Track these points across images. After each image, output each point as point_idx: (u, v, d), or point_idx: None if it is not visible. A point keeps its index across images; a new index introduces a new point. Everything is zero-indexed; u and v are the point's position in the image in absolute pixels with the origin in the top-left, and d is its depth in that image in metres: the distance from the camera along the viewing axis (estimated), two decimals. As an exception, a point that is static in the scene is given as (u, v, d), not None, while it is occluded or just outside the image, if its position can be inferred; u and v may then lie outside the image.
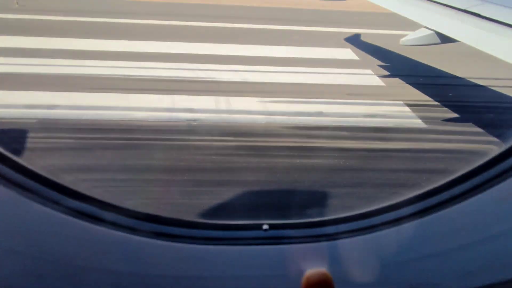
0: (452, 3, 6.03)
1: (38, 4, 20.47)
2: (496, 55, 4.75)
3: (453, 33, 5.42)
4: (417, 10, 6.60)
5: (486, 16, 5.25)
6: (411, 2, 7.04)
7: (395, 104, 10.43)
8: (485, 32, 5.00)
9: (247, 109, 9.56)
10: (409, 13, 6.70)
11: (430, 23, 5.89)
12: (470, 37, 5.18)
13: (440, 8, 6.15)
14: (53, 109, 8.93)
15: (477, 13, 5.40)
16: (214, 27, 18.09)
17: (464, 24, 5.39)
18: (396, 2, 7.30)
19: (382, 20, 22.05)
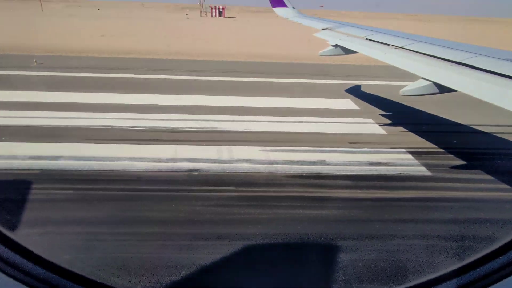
0: (447, 56, 6.35)
1: (54, 62, 22.01)
2: (494, 102, 4.86)
3: (451, 83, 5.63)
4: (414, 63, 6.91)
5: (480, 67, 5.50)
6: (407, 55, 7.38)
7: (398, 152, 10.37)
8: (482, 82, 5.19)
9: (249, 158, 9.56)
10: (406, 65, 7.01)
11: (428, 75, 6.15)
12: (468, 86, 5.36)
13: (435, 61, 6.45)
14: (56, 160, 9.05)
15: (471, 65, 5.68)
16: (218, 81, 19.04)
17: (460, 75, 5.63)
18: (392, 56, 7.66)
19: (380, 72, 23.01)
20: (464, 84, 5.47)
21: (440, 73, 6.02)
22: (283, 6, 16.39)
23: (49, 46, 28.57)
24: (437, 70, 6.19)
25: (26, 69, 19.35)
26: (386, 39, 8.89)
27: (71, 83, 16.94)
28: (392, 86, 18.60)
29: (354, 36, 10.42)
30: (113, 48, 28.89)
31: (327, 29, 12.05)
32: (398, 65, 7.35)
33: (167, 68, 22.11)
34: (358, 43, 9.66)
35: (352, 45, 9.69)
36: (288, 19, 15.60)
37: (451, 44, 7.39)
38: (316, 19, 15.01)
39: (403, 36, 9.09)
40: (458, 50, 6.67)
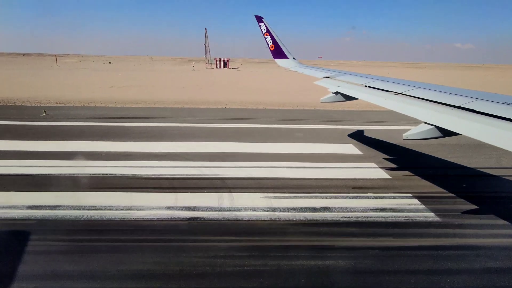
0: (446, 101, 6.43)
1: (62, 113, 22.78)
2: (497, 145, 4.79)
3: (454, 127, 5.62)
4: (415, 108, 6.98)
5: (481, 111, 5.53)
6: (407, 101, 7.49)
7: (404, 197, 10.07)
8: (484, 125, 5.19)
9: (250, 206, 9.30)
10: (407, 110, 7.06)
11: (430, 119, 6.17)
12: (471, 130, 5.35)
13: (436, 106, 6.52)
14: (54, 210, 8.87)
15: (472, 108, 5.73)
16: (221, 127, 19.38)
17: (462, 119, 5.65)
18: (393, 101, 7.78)
19: (380, 117, 23.43)
20: (466, 127, 5.46)
21: (442, 117, 6.05)
22: (284, 57, 17.27)
23: (59, 97, 29.85)
24: (439, 114, 6.23)
25: (34, 119, 19.98)
26: (385, 85, 9.09)
27: (76, 132, 17.31)
28: (393, 131, 18.79)
29: (353, 84, 10.70)
30: (121, 98, 30.09)
31: (327, 78, 12.47)
32: (399, 110, 7.40)
33: (171, 116, 22.73)
34: (358, 90, 9.88)
35: (352, 92, 9.91)
36: (289, 69, 16.28)
37: (449, 90, 7.51)
38: (316, 68, 15.65)
39: (401, 83, 9.29)
40: (456, 95, 6.78)
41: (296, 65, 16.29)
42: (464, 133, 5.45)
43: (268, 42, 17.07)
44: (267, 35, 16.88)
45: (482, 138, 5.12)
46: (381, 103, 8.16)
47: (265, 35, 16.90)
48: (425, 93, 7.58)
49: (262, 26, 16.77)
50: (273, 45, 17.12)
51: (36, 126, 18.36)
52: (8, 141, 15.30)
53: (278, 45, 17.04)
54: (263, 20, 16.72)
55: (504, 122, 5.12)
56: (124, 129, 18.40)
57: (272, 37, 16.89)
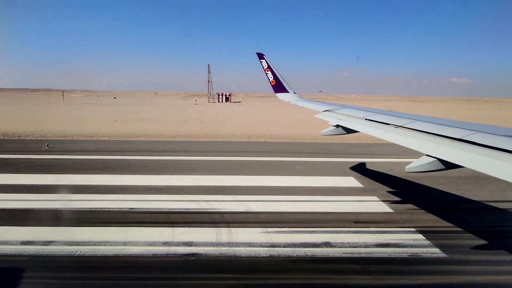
0: (447, 133, 6.43)
1: (64, 146, 22.95)
2: (502, 177, 4.73)
3: (457, 160, 5.57)
4: (416, 141, 6.95)
5: (482, 143, 5.54)
6: (408, 133, 7.50)
7: (407, 232, 9.77)
8: (486, 158, 5.15)
9: (249, 241, 9.03)
10: (408, 143, 7.04)
11: (431, 152, 6.13)
12: (474, 162, 5.30)
13: (437, 138, 6.50)
14: (48, 245, 8.63)
15: (473, 141, 5.74)
16: (221, 160, 19.38)
17: (464, 151, 5.62)
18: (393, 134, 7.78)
19: (380, 150, 23.44)
20: (469, 160, 5.42)
21: (444, 150, 6.02)
22: (285, 92, 17.70)
23: (63, 131, 30.28)
24: (440, 147, 6.21)
25: (36, 153, 20.12)
26: (385, 118, 9.14)
27: (76, 166, 17.32)
28: (393, 163, 18.71)
29: (353, 117, 10.79)
30: (123, 132, 30.47)
31: (327, 111, 12.62)
32: (400, 143, 7.37)
33: (172, 149, 22.86)
34: (358, 123, 9.93)
35: (352, 125, 9.96)
36: (290, 102, 16.58)
37: (448, 122, 7.54)
38: (316, 102, 15.91)
39: (401, 116, 9.34)
40: (456, 127, 6.83)
41: (297, 99, 16.61)
42: (467, 165, 5.40)
43: (269, 77, 17.57)
44: (268, 71, 17.41)
45: (486, 171, 5.06)
46: (381, 136, 8.16)
47: (266, 70, 17.43)
48: (425, 126, 7.59)
49: (263, 62, 17.35)
50: (274, 80, 17.59)
51: (37, 160, 18.43)
52: (7, 174, 15.29)
53: (279, 80, 17.53)
54: (264, 57, 17.33)
55: (506, 154, 5.11)
56: (124, 162, 18.42)
57: (273, 72, 17.42)
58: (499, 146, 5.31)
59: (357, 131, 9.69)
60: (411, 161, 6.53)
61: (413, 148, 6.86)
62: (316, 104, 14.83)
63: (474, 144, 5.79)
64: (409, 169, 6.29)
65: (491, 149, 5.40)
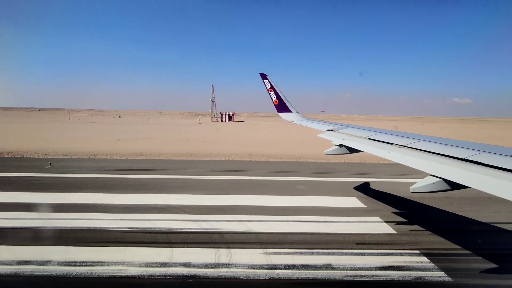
0: (451, 153, 6.38)
1: (67, 164, 23.07)
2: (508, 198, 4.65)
3: (462, 180, 5.49)
4: (420, 160, 6.88)
5: (488, 163, 5.53)
6: (412, 153, 7.44)
7: (411, 254, 9.51)
8: (492, 178, 5.08)
9: (249, 263, 8.83)
10: (412, 163, 6.97)
11: (436, 172, 6.06)
12: (480, 182, 5.21)
13: (441, 158, 6.44)
14: (44, 265, 8.50)
15: (478, 161, 5.72)
16: (223, 180, 19.29)
17: (469, 171, 5.54)
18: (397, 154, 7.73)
19: (383, 169, 23.27)
20: (475, 180, 5.33)
21: (449, 170, 5.95)
22: (288, 111, 17.85)
23: (67, 149, 30.52)
24: (445, 167, 6.14)
25: (39, 171, 20.20)
26: (388, 138, 9.08)
27: (77, 184, 17.31)
28: (397, 183, 18.52)
29: (357, 136, 10.74)
30: (127, 151, 30.64)
31: (330, 130, 12.59)
32: (403, 163, 7.29)
33: (174, 168, 22.86)
34: (361, 143, 9.88)
35: (356, 145, 9.90)
36: (293, 122, 16.63)
37: (452, 142, 7.46)
38: (319, 121, 15.94)
39: (404, 136, 9.26)
40: (461, 147, 6.80)
41: (300, 119, 16.69)
42: (472, 186, 5.31)
43: (272, 97, 17.76)
44: (271, 91, 17.63)
45: (492, 191, 4.97)
46: (385, 156, 8.08)
47: (269, 90, 17.65)
48: (429, 146, 7.50)
49: (266, 82, 17.61)
50: (277, 100, 17.77)
51: (40, 178, 18.47)
52: (9, 192, 15.30)
53: (282, 100, 17.71)
54: (267, 77, 17.60)
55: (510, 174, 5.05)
56: (125, 181, 18.40)
57: (276, 92, 17.63)
58: (504, 167, 5.24)
59: (361, 150, 9.63)
60: (414, 181, 6.44)
61: (418, 168, 6.76)
62: (319, 123, 14.86)
63: (479, 164, 5.72)
64: (414, 189, 6.18)
65: (496, 169, 5.33)
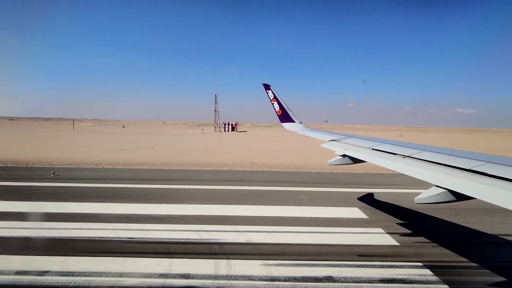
0: (456, 164, 6.29)
1: (70, 174, 23.15)
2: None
3: (468, 191, 5.39)
4: (425, 171, 6.78)
5: (494, 174, 5.44)
6: (416, 163, 7.36)
7: (413, 266, 9.33)
8: (499, 189, 4.99)
9: (248, 274, 8.71)
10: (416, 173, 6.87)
11: (441, 182, 5.95)
12: (485, 193, 5.11)
13: (446, 169, 6.34)
14: (42, 276, 8.44)
15: (483, 172, 5.64)
16: (225, 190, 19.22)
17: (475, 182, 5.45)
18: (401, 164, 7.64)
19: (387, 180, 23.12)
20: (481, 191, 5.23)
21: (454, 181, 5.85)
22: (291, 122, 17.87)
23: (70, 158, 30.70)
24: (450, 177, 6.04)
25: (41, 181, 20.28)
26: (392, 148, 8.99)
27: (79, 194, 17.34)
28: (399, 194, 18.33)
29: (360, 147, 10.65)
30: (129, 160, 30.74)
31: (334, 141, 12.51)
32: (408, 173, 7.17)
33: (175, 178, 22.85)
34: (365, 153, 9.79)
35: (359, 155, 9.81)
36: (296, 132, 16.59)
37: (457, 152, 7.44)
38: (322, 132, 15.87)
39: (408, 146, 9.14)
40: (466, 158, 6.72)
41: (303, 129, 16.67)
42: (478, 197, 5.20)
43: (276, 107, 17.82)
44: (274, 101, 17.69)
45: (499, 203, 4.86)
46: (389, 166, 7.99)
47: (272, 101, 17.71)
48: (434, 156, 7.39)
49: (269, 93, 17.69)
50: (280, 110, 17.81)
51: (41, 187, 18.54)
52: (10, 202, 15.34)
53: (285, 110, 17.75)
54: (270, 88, 17.70)
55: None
56: (127, 190, 18.40)
57: (279, 102, 17.69)
58: (511, 177, 5.17)
59: (364, 161, 9.55)
60: (417, 191, 6.36)
61: (422, 178, 6.65)
62: (322, 133, 14.80)
63: (484, 175, 5.62)
64: (418, 200, 6.05)
65: (502, 180, 5.24)
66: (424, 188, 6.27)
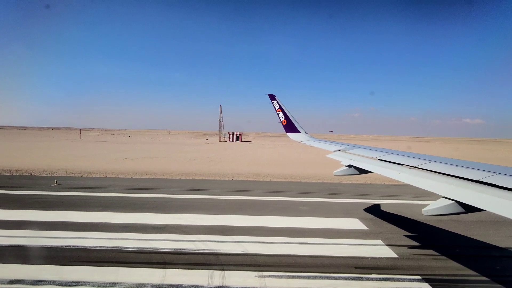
0: (464, 175, 6.16)
1: (72, 183, 23.31)
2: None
3: (477, 202, 5.24)
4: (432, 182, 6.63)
5: (503, 186, 5.31)
6: (423, 174, 7.23)
7: (412, 280, 9.10)
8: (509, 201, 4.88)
9: (242, 286, 8.58)
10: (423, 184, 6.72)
11: (449, 194, 5.80)
12: (495, 205, 4.97)
13: (454, 180, 6.19)
14: (35, 285, 8.43)
15: (492, 183, 5.52)
16: (225, 199, 19.12)
17: (484, 193, 5.31)
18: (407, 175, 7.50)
19: (390, 190, 22.81)
20: (491, 203, 5.08)
21: (463, 192, 5.69)
22: (296, 132, 17.84)
23: (74, 167, 30.98)
24: (458, 189, 5.89)
25: (44, 189, 20.47)
26: (398, 159, 8.83)
27: (80, 203, 17.42)
28: (402, 205, 18.02)
29: (366, 157, 10.53)
30: (132, 170, 30.90)
31: (339, 151, 12.37)
32: (414, 184, 7.01)
33: (176, 187, 22.85)
34: (371, 163, 9.65)
35: (365, 165, 9.67)
36: (301, 142, 16.50)
37: (464, 163, 7.31)
38: (328, 142, 15.73)
39: (415, 156, 8.94)
40: (474, 169, 6.59)
41: (308, 139, 16.58)
42: (488, 209, 5.04)
43: (281, 118, 17.83)
44: (280, 111, 17.72)
45: (510, 215, 4.74)
46: (395, 177, 7.83)
47: (277, 111, 17.75)
48: (441, 167, 7.24)
49: (274, 103, 17.74)
50: (285, 120, 17.81)
51: (43, 196, 18.69)
52: (11, 210, 15.48)
53: (290, 120, 17.74)
54: (275, 98, 17.75)
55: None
56: (127, 199, 18.44)
57: (284, 113, 17.70)
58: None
59: (370, 171, 9.41)
60: (419, 203, 6.23)
61: (430, 189, 6.46)
62: (327, 144, 14.67)
63: (494, 187, 5.48)
64: (426, 211, 5.87)
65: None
66: (427, 199, 6.15)
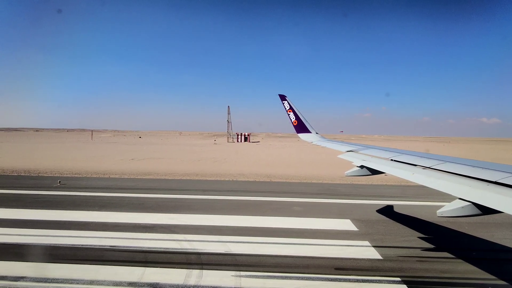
0: (480, 176, 5.96)
1: (76, 183, 23.90)
2: None
3: (495, 204, 5.05)
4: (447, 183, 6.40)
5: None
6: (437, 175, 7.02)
7: (391, 281, 8.93)
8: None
9: (217, 285, 8.63)
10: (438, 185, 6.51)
11: (465, 195, 5.60)
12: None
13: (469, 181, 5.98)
14: (18, 281, 8.71)
15: (510, 184, 5.30)
16: (223, 200, 19.19)
17: (503, 195, 5.14)
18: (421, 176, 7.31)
19: (389, 191, 22.38)
20: (509, 204, 4.94)
21: (480, 194, 5.46)
22: (307, 132, 17.71)
23: (80, 168, 31.72)
24: (475, 190, 5.67)
25: (47, 189, 21.06)
26: (412, 159, 8.70)
27: (79, 202, 17.85)
28: (402, 206, 17.69)
29: (378, 157, 10.37)
30: (137, 170, 31.40)
31: (351, 151, 12.13)
32: (429, 185, 6.76)
33: (176, 187, 23.08)
34: (383, 164, 9.42)
35: (378, 166, 9.44)
36: (312, 142, 16.33)
37: (481, 164, 7.08)
38: (339, 142, 15.45)
39: (429, 157, 8.82)
40: (491, 169, 6.38)
41: (319, 139, 16.43)
42: (506, 210, 4.83)
43: (291, 118, 17.74)
44: (290, 112, 17.64)
45: None
46: (408, 178, 7.63)
47: (288, 111, 17.68)
48: (456, 168, 6.99)
49: (285, 103, 17.67)
50: (296, 121, 17.70)
51: (45, 196, 19.24)
52: (10, 209, 16.01)
53: (301, 120, 17.62)
54: (286, 98, 17.69)
55: None
56: (125, 199, 18.77)
57: (295, 113, 17.61)
58: None
59: (383, 172, 9.19)
60: (422, 204, 6.09)
61: (444, 190, 6.23)
62: (339, 144, 14.43)
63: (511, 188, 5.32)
64: (441, 213, 5.66)
65: None
66: (428, 199, 5.99)
